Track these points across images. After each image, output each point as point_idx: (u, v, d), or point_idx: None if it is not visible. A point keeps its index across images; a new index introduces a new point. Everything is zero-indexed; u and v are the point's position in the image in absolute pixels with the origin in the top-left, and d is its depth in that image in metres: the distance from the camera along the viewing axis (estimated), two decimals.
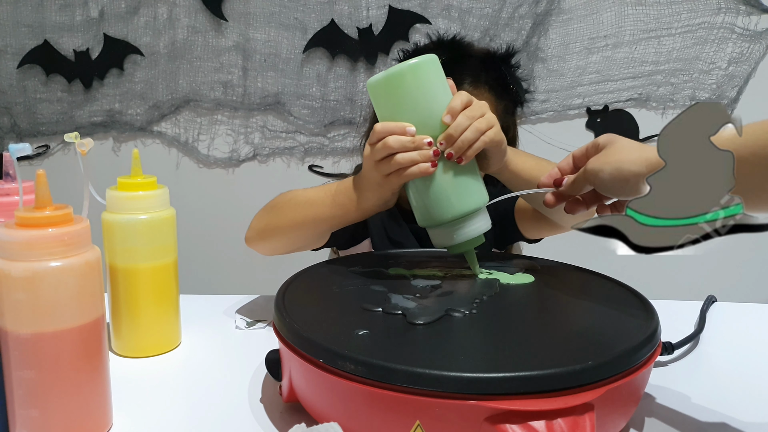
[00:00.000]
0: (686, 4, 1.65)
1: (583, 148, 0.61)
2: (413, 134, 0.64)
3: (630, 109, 1.72)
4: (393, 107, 0.65)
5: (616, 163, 0.55)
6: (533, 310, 0.60)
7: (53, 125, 1.84)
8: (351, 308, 0.59)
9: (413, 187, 0.67)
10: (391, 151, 0.64)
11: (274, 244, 0.81)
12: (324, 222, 0.76)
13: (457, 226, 0.66)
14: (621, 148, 0.56)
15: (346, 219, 0.74)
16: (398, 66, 0.64)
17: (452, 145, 0.64)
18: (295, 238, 0.79)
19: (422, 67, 0.64)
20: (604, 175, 0.56)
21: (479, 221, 0.67)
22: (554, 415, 0.44)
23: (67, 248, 0.49)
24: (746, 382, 0.64)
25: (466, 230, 0.66)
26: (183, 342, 0.74)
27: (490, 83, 0.91)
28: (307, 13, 1.73)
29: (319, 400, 0.52)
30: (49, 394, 0.49)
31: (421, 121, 0.64)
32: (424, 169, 0.64)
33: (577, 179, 0.60)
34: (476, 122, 0.64)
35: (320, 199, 0.75)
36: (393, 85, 0.64)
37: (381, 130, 0.65)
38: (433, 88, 0.65)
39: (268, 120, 1.81)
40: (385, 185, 0.67)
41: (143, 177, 0.69)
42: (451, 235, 0.66)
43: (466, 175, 0.66)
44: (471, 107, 0.65)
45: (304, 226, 0.77)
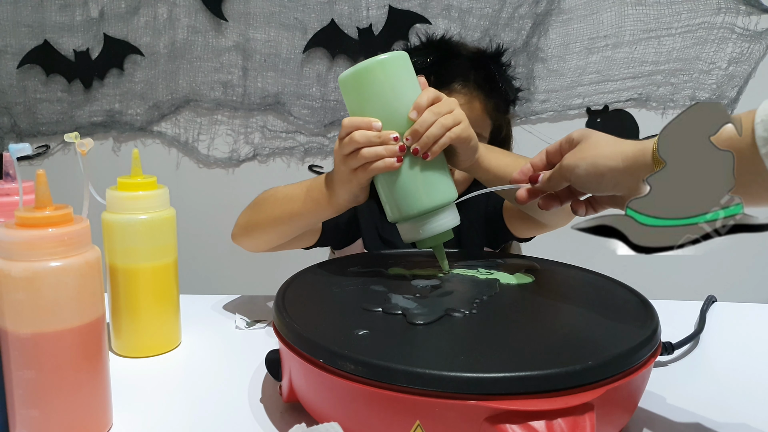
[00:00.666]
0: (686, 4, 1.65)
1: (557, 144, 0.60)
2: (379, 129, 0.64)
3: (630, 109, 1.72)
4: (361, 102, 0.66)
5: (591, 158, 0.55)
6: (533, 310, 0.60)
7: (53, 125, 1.84)
8: (351, 308, 0.59)
9: (381, 182, 0.67)
10: (357, 146, 0.65)
11: (257, 241, 0.82)
12: (300, 218, 0.76)
13: (424, 221, 0.67)
14: (596, 142, 0.56)
15: (320, 214, 0.75)
16: (367, 61, 0.64)
17: (418, 140, 0.64)
18: (276, 234, 0.80)
19: (390, 63, 0.65)
20: (579, 171, 0.55)
21: (447, 217, 0.67)
22: (554, 415, 0.44)
23: (67, 248, 0.49)
24: (746, 382, 0.64)
25: (433, 225, 0.67)
26: (183, 342, 0.74)
27: (479, 82, 0.91)
28: (307, 13, 1.73)
29: (319, 400, 0.52)
30: (49, 394, 0.49)
31: (388, 117, 0.65)
32: (390, 164, 0.64)
33: (552, 176, 0.59)
34: (442, 118, 0.65)
35: (297, 194, 0.76)
36: (361, 80, 0.65)
37: (348, 124, 0.65)
38: (401, 84, 0.65)
39: (268, 120, 1.81)
40: (353, 180, 0.67)
41: (143, 177, 0.69)
42: (418, 229, 0.67)
43: (432, 170, 0.66)
44: (438, 103, 0.65)
45: (282, 222, 0.78)
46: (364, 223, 0.95)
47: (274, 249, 0.83)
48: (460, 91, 0.90)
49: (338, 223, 0.91)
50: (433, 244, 0.68)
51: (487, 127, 0.93)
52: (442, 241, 0.68)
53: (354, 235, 0.95)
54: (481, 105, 0.91)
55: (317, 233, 0.89)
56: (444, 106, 0.65)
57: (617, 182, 0.54)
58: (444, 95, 0.67)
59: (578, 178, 0.56)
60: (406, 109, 0.65)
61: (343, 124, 0.66)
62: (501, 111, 0.94)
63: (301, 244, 0.89)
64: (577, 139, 0.58)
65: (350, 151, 0.65)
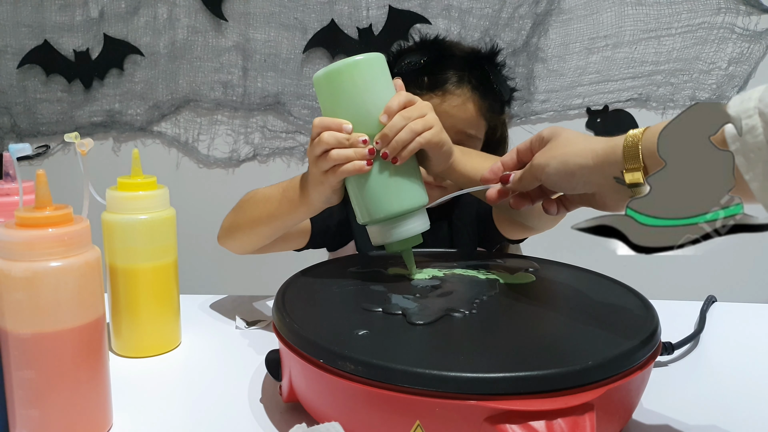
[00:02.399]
0: (686, 4, 1.65)
1: (527, 142, 0.60)
2: (349, 131, 0.63)
3: (630, 109, 1.72)
4: (333, 103, 0.65)
5: (561, 156, 0.54)
6: (533, 310, 0.60)
7: (53, 125, 1.84)
8: (351, 308, 0.59)
9: (351, 184, 0.67)
10: (326, 147, 0.64)
11: (240, 243, 0.82)
12: (277, 219, 0.76)
13: (393, 224, 0.66)
14: (566, 140, 0.55)
15: (296, 215, 0.74)
16: (340, 62, 0.64)
17: (387, 144, 0.64)
18: (256, 235, 0.79)
19: (364, 64, 0.64)
20: (550, 169, 0.55)
21: (416, 221, 0.67)
22: (554, 415, 0.44)
23: (67, 248, 0.49)
24: (746, 382, 0.64)
25: (402, 229, 0.66)
26: (183, 342, 0.74)
27: (474, 83, 0.90)
28: (307, 13, 1.73)
29: (319, 400, 0.52)
30: (49, 394, 0.49)
31: (359, 119, 0.64)
32: (359, 167, 0.64)
33: (524, 175, 0.59)
34: (412, 123, 0.64)
35: (274, 195, 0.75)
36: (332, 81, 0.64)
37: (318, 124, 0.64)
38: (374, 86, 0.64)
39: (268, 120, 1.81)
40: (324, 182, 0.66)
41: (143, 177, 0.69)
42: (387, 233, 0.66)
43: (402, 174, 0.66)
44: (409, 108, 0.65)
45: (261, 224, 0.77)
46: (356, 226, 0.94)
47: (260, 251, 0.83)
48: (453, 93, 0.89)
49: (329, 226, 0.91)
50: (401, 248, 0.68)
51: (482, 129, 0.92)
52: (411, 245, 0.68)
53: (346, 237, 0.95)
54: (475, 106, 0.90)
55: (306, 235, 0.88)
56: (415, 111, 0.64)
57: (587, 180, 0.53)
58: (418, 99, 0.66)
59: (549, 177, 0.56)
60: (377, 112, 0.64)
61: (313, 123, 0.65)
62: (496, 112, 0.94)
63: (290, 246, 0.88)
64: (547, 138, 0.57)
65: (320, 153, 0.64)
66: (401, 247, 0.68)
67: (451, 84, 0.90)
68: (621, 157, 0.50)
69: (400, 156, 0.64)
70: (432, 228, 0.68)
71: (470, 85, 0.90)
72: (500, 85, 0.93)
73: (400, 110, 0.64)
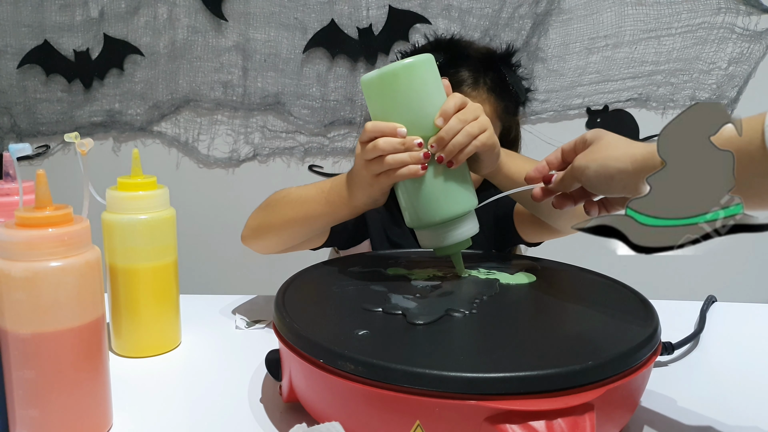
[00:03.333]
0: (686, 4, 1.65)
1: (572, 143, 0.60)
2: (404, 136, 0.63)
3: (630, 109, 1.72)
4: (385, 106, 0.64)
5: (601, 159, 0.55)
6: (533, 310, 0.60)
7: (53, 125, 1.84)
8: (351, 308, 0.59)
9: (402, 188, 0.66)
10: (381, 153, 0.63)
11: (268, 243, 0.81)
12: (315, 219, 0.75)
13: (445, 228, 0.66)
14: (607, 144, 0.56)
15: (337, 216, 0.74)
16: (393, 65, 0.63)
17: (443, 148, 0.63)
18: (289, 236, 0.79)
19: (417, 67, 0.63)
20: (589, 172, 0.55)
21: (467, 225, 0.67)
22: (554, 415, 0.44)
23: (67, 248, 0.49)
24: (746, 382, 0.64)
25: (454, 233, 0.66)
26: (183, 342, 0.74)
27: (490, 84, 0.90)
28: (307, 13, 1.73)
29: (319, 400, 0.52)
30: (49, 394, 0.49)
31: (413, 122, 0.63)
32: (414, 171, 0.63)
33: (565, 176, 0.59)
34: (468, 126, 0.63)
35: (312, 196, 0.75)
36: (386, 84, 0.63)
37: (372, 129, 0.64)
38: (427, 88, 0.64)
39: (268, 120, 1.81)
40: (374, 185, 0.66)
41: (143, 177, 0.69)
42: (439, 237, 0.66)
43: (456, 178, 0.65)
44: (464, 110, 0.64)
45: (296, 224, 0.77)
46: (372, 225, 0.94)
47: (285, 251, 0.83)
48: (470, 94, 0.88)
49: (346, 224, 0.91)
50: (451, 252, 0.68)
51: (497, 130, 0.92)
52: (462, 248, 0.68)
53: (361, 235, 0.95)
54: (492, 108, 0.90)
55: (326, 234, 0.89)
56: (470, 113, 0.64)
57: (626, 184, 0.53)
58: (470, 101, 0.66)
59: (588, 180, 0.56)
60: (431, 115, 0.63)
61: (365, 128, 0.64)
62: (510, 113, 0.94)
63: (309, 245, 0.88)
64: (590, 140, 0.57)
65: (373, 157, 0.64)
66: (452, 250, 0.68)
67: (466, 86, 0.89)
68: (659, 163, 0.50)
69: (456, 160, 0.63)
70: None
71: (486, 86, 0.90)
72: (516, 86, 0.93)
73: (455, 113, 0.63)
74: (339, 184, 0.72)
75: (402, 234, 0.94)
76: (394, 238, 0.94)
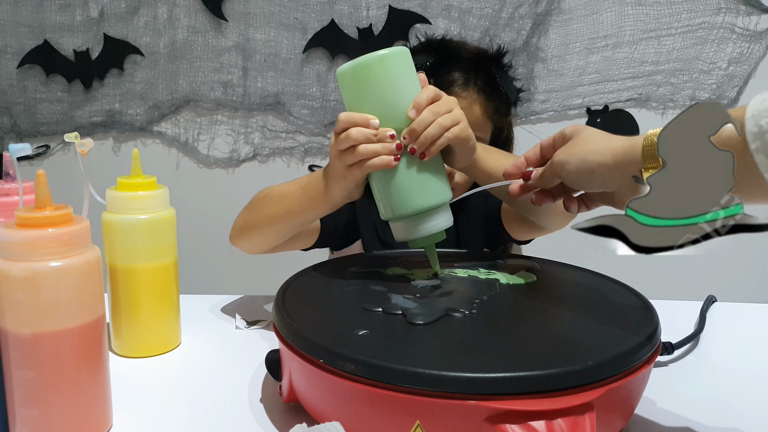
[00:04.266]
0: (686, 4, 1.65)
1: (551, 139, 0.60)
2: (377, 127, 0.63)
3: (630, 109, 1.72)
4: (359, 97, 0.64)
5: (581, 154, 0.54)
6: (533, 310, 0.60)
7: (53, 125, 1.84)
8: (351, 308, 0.59)
9: (376, 180, 0.66)
10: (353, 143, 0.63)
11: (254, 242, 0.81)
12: (295, 215, 0.75)
13: (418, 221, 0.66)
14: (587, 138, 0.55)
15: (316, 211, 0.74)
16: (366, 56, 0.63)
17: (415, 140, 0.63)
18: (272, 233, 0.79)
19: (390, 59, 0.63)
20: (569, 167, 0.55)
21: (440, 218, 0.66)
22: (554, 415, 0.44)
23: (67, 248, 0.49)
24: (746, 382, 0.64)
25: (427, 226, 0.66)
26: (183, 342, 0.74)
27: (480, 85, 0.90)
28: (307, 13, 1.73)
29: (319, 400, 0.52)
30: (49, 394, 0.49)
31: (387, 114, 0.64)
32: (386, 162, 0.63)
33: (544, 172, 0.59)
34: (441, 118, 0.63)
35: (291, 192, 0.75)
36: (359, 76, 0.64)
37: (345, 120, 0.64)
38: (401, 80, 0.64)
39: (268, 120, 1.81)
40: (348, 176, 0.66)
41: (143, 177, 0.69)
42: (412, 229, 0.66)
43: (429, 170, 0.65)
44: (437, 102, 0.64)
45: (278, 221, 0.77)
46: (363, 225, 0.94)
47: (272, 250, 0.83)
48: (460, 95, 0.88)
49: (337, 224, 0.91)
50: (425, 245, 0.68)
51: (488, 131, 0.92)
52: (435, 241, 0.68)
53: (353, 236, 0.95)
54: (482, 108, 0.90)
55: (315, 234, 0.89)
56: (443, 106, 0.64)
57: (606, 178, 0.53)
58: (444, 93, 0.66)
59: (568, 174, 0.56)
60: (405, 107, 0.63)
61: (339, 118, 0.64)
62: (502, 113, 0.93)
63: (299, 245, 0.89)
64: (569, 135, 0.57)
65: (346, 147, 0.64)
66: (425, 243, 0.67)
67: (457, 86, 0.89)
68: (640, 156, 0.50)
69: (428, 152, 0.64)
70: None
71: (476, 87, 0.90)
72: (507, 86, 0.93)
73: (428, 105, 0.64)
74: (316, 178, 0.72)
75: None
76: (386, 237, 0.94)
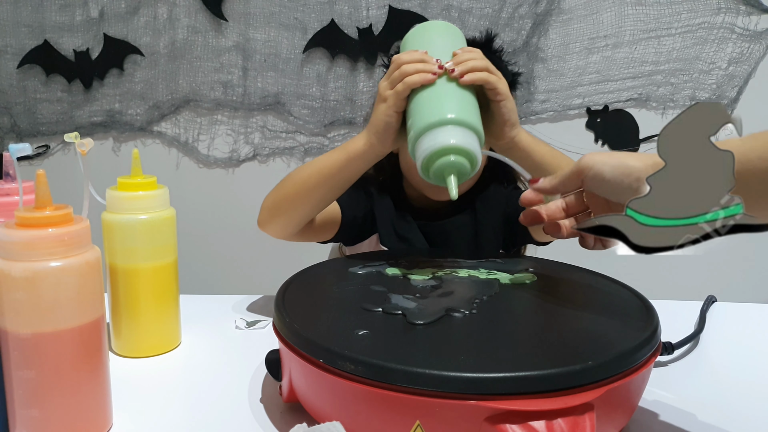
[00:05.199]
0: (686, 4, 1.65)
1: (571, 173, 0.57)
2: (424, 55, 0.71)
3: (630, 109, 1.72)
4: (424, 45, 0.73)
5: (619, 157, 0.53)
6: (533, 310, 0.60)
7: (53, 125, 1.84)
8: (351, 308, 0.59)
9: (413, 99, 0.70)
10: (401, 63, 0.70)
11: (287, 217, 0.82)
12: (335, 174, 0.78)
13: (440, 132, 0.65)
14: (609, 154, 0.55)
15: (355, 163, 0.77)
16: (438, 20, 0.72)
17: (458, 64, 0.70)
18: (309, 203, 0.81)
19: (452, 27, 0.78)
20: (605, 167, 0.53)
21: (466, 136, 0.65)
22: (554, 415, 0.44)
23: (67, 248, 0.49)
24: (746, 382, 0.64)
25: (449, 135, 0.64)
26: (183, 342, 0.74)
27: None
28: (307, 13, 1.73)
29: (319, 400, 0.52)
30: (49, 394, 0.49)
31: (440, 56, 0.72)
32: (425, 77, 0.69)
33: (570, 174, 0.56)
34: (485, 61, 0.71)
35: (329, 155, 0.80)
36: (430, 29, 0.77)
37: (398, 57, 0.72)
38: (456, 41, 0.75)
39: (268, 120, 1.81)
40: (390, 98, 0.71)
41: (143, 177, 0.69)
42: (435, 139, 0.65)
43: (462, 94, 0.69)
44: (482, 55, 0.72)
45: (316, 186, 0.79)
46: (380, 220, 0.95)
47: (299, 236, 0.84)
48: None
49: (356, 217, 0.92)
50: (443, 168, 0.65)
51: None
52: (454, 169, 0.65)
53: (369, 230, 0.96)
54: None
55: (336, 226, 0.90)
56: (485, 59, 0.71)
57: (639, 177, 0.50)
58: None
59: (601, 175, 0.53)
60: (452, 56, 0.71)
61: (393, 59, 0.72)
62: None
63: (320, 237, 0.90)
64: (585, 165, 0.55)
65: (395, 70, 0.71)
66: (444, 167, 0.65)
67: None
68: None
69: (467, 75, 0.69)
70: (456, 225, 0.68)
71: None
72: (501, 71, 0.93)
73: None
74: (356, 136, 0.77)
75: (410, 228, 0.95)
76: (402, 232, 0.95)
